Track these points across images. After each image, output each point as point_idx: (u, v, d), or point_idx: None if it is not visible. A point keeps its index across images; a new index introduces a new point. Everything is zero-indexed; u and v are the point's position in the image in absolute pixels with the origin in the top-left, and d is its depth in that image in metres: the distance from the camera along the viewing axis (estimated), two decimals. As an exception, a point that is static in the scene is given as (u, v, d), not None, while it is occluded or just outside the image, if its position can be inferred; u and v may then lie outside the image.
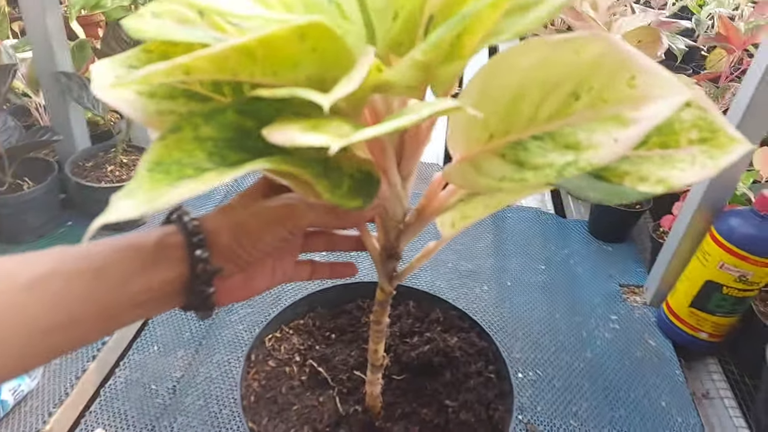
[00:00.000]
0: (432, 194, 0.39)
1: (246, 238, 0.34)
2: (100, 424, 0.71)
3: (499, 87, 0.28)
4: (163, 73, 0.22)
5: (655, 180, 0.26)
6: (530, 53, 0.26)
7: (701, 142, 0.27)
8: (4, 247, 0.98)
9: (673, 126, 0.27)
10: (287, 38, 0.23)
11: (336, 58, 0.26)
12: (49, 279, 0.29)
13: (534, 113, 0.27)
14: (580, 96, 0.26)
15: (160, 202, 0.21)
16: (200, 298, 0.34)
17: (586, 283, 1.02)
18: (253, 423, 0.52)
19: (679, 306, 0.87)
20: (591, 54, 0.25)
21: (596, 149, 0.24)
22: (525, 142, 0.27)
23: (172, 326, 0.85)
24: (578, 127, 0.26)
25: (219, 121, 0.25)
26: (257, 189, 0.37)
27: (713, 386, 0.84)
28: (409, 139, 0.35)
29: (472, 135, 0.30)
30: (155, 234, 0.33)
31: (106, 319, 0.31)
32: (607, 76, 0.25)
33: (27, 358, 0.29)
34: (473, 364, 0.59)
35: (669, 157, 0.27)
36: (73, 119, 1.04)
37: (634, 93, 0.24)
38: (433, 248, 0.45)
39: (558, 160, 0.25)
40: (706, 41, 1.65)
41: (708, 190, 0.82)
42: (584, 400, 0.79)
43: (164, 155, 0.23)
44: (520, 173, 0.26)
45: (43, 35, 0.95)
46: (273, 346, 0.61)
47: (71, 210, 1.09)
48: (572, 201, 1.29)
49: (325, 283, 0.67)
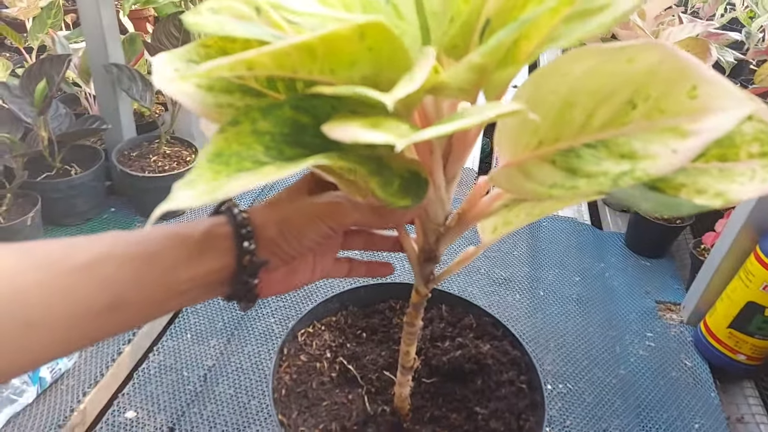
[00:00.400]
0: (474, 199, 0.39)
1: (291, 233, 0.34)
2: (132, 406, 0.73)
3: (549, 93, 0.28)
4: (228, 67, 0.22)
5: (713, 193, 0.25)
6: (582, 61, 0.26)
7: (762, 156, 0.26)
8: (53, 229, 1.02)
9: (734, 139, 0.27)
10: (348, 37, 0.23)
11: (392, 58, 0.26)
12: (102, 262, 0.30)
13: (586, 121, 0.27)
14: (636, 105, 0.25)
15: (220, 193, 0.21)
16: (245, 289, 0.34)
17: (621, 297, 1.00)
18: (283, 416, 0.53)
19: (718, 326, 0.84)
20: (647, 62, 0.24)
21: (653, 159, 0.24)
22: (577, 150, 0.27)
23: (205, 315, 0.87)
24: (633, 137, 0.25)
25: (276, 116, 0.26)
26: (303, 185, 0.38)
27: (749, 410, 0.81)
28: (456, 142, 0.35)
29: (521, 140, 0.30)
30: (204, 224, 0.34)
31: (153, 303, 0.32)
32: (665, 85, 0.24)
33: (73, 338, 0.30)
34: (505, 372, 0.58)
35: (728, 170, 0.26)
36: (122, 109, 1.07)
37: (694, 104, 0.23)
38: (472, 253, 0.44)
39: (613, 168, 0.25)
40: (757, 54, 1.60)
41: (755, 209, 0.79)
42: (615, 417, 0.77)
43: (224, 147, 0.23)
44: (572, 181, 0.26)
45: (96, 28, 0.98)
46: (305, 341, 0.62)
47: (115, 197, 1.12)
48: (609, 213, 1.26)
49: (358, 282, 0.67)
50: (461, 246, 0.45)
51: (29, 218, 0.89)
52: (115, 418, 0.71)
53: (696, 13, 1.93)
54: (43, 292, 0.28)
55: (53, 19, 1.24)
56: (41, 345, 0.28)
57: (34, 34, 1.23)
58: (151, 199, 1.05)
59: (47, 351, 0.29)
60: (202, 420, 0.71)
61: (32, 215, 0.90)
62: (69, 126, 1.01)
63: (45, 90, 0.90)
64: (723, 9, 1.87)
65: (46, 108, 0.92)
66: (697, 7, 1.98)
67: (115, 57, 1.02)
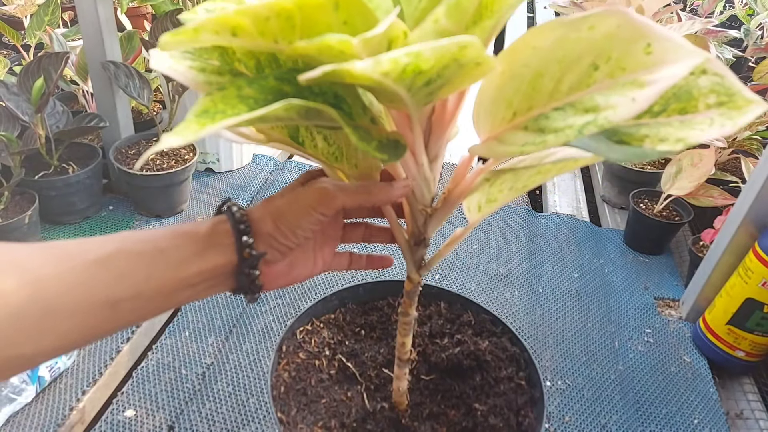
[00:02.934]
0: (458, 177, 0.40)
1: (284, 224, 0.36)
2: (131, 404, 0.73)
3: (521, 67, 0.29)
4: (212, 27, 0.23)
5: (674, 140, 0.27)
6: (549, 33, 0.28)
7: (719, 105, 0.28)
8: (50, 227, 1.02)
9: (692, 93, 0.28)
10: (322, 6, 0.24)
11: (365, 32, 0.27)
12: (115, 257, 0.32)
13: (555, 87, 0.28)
14: (599, 66, 0.27)
15: (204, 132, 0.24)
16: (248, 280, 0.37)
17: (620, 293, 1.00)
18: (282, 413, 0.53)
19: (717, 323, 0.84)
20: (607, 27, 0.26)
21: (614, 108, 0.26)
22: (547, 113, 0.29)
23: (203, 313, 0.87)
24: (597, 93, 0.27)
25: (261, 85, 0.27)
26: (297, 181, 0.41)
27: (748, 406, 0.82)
28: (436, 120, 0.36)
29: (497, 115, 0.31)
30: (208, 223, 0.37)
31: (164, 296, 0.34)
32: (624, 45, 0.26)
33: (89, 328, 0.32)
34: (504, 369, 0.58)
35: (688, 121, 0.28)
36: (119, 107, 1.07)
37: (650, 59, 0.25)
38: (460, 234, 0.45)
39: (578, 121, 0.27)
40: (755, 51, 1.60)
41: (753, 206, 0.79)
42: (614, 413, 0.77)
43: (210, 106, 0.25)
44: (541, 137, 0.28)
45: (94, 25, 0.97)
46: (304, 338, 0.62)
47: (112, 195, 1.12)
48: (608, 210, 1.26)
49: (356, 280, 0.67)
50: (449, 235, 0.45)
51: (27, 216, 0.89)
52: (114, 417, 0.71)
53: (695, 11, 1.93)
54: (60, 283, 0.30)
55: (51, 16, 1.23)
56: (61, 331, 0.30)
57: (31, 32, 1.23)
58: (148, 197, 1.05)
59: (67, 337, 0.31)
60: (201, 418, 0.71)
61: (30, 213, 0.90)
62: (66, 124, 1.00)
63: (42, 88, 0.90)
64: (722, 6, 1.87)
65: (44, 106, 0.92)
66: (696, 5, 1.98)
67: (113, 54, 1.02)
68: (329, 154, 0.40)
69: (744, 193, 0.83)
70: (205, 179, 1.21)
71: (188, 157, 1.09)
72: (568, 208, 1.24)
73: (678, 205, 1.10)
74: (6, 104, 0.92)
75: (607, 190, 1.30)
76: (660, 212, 1.09)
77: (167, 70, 0.31)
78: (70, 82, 1.25)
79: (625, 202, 1.23)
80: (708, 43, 1.20)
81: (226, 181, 1.21)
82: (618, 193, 1.27)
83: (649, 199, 1.13)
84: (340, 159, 0.40)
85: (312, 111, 0.27)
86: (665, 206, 1.10)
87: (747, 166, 1.02)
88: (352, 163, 0.40)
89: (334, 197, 0.36)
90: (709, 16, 1.82)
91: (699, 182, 1.01)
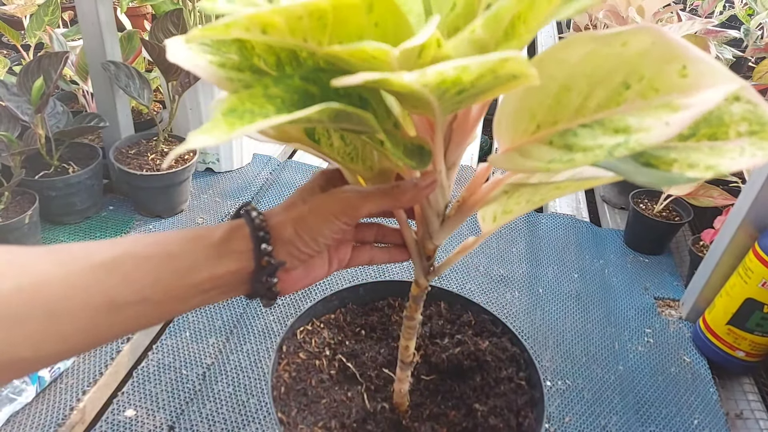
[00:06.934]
0: (474, 187, 0.39)
1: (306, 233, 0.35)
2: (131, 405, 0.73)
3: (547, 79, 0.29)
4: (243, 25, 0.23)
5: (704, 167, 0.27)
6: (578, 47, 0.27)
7: (750, 134, 0.27)
8: (51, 227, 1.02)
9: (723, 119, 0.28)
10: (356, 7, 0.24)
11: (396, 35, 0.26)
12: (121, 260, 0.31)
13: (582, 103, 0.28)
14: (630, 85, 0.26)
15: (235, 134, 0.23)
16: (264, 287, 0.36)
17: (620, 294, 1.00)
18: (282, 414, 0.53)
19: (717, 323, 0.84)
20: (640, 44, 0.25)
21: (647, 131, 0.25)
22: (574, 130, 0.28)
23: (204, 313, 0.87)
24: (628, 114, 0.26)
25: (287, 84, 0.26)
26: (315, 184, 0.39)
27: (748, 407, 0.82)
28: (457, 128, 0.35)
29: (520, 126, 0.31)
30: (223, 227, 0.35)
31: (173, 300, 0.33)
32: (657, 65, 0.25)
33: (92, 332, 0.31)
34: (504, 369, 0.58)
35: (718, 148, 0.27)
36: (119, 107, 1.07)
37: (685, 82, 0.25)
38: (471, 243, 0.45)
39: (608, 141, 0.26)
40: (755, 52, 1.60)
41: (753, 206, 0.79)
42: (614, 414, 0.77)
43: (238, 104, 0.24)
44: (569, 155, 0.27)
45: (94, 25, 0.97)
46: (304, 338, 0.62)
47: (113, 195, 1.12)
48: (608, 210, 1.26)
49: (356, 280, 0.67)
50: (457, 243, 0.45)
51: (27, 216, 0.89)
52: (114, 417, 0.71)
53: (694, 11, 1.92)
54: (64, 285, 0.29)
55: (51, 16, 1.23)
56: (62, 335, 0.30)
57: (31, 32, 1.23)
58: (149, 197, 1.05)
59: (69, 341, 0.30)
60: (202, 418, 0.71)
61: (30, 213, 0.89)
62: (66, 124, 1.00)
63: (42, 88, 0.90)
64: (722, 6, 1.87)
65: (44, 106, 0.92)
66: (696, 5, 1.98)
67: (113, 54, 1.02)
68: (345, 154, 0.39)
69: (744, 193, 0.83)
70: (205, 179, 1.21)
71: (188, 156, 1.09)
72: (568, 209, 1.24)
73: (678, 205, 1.10)
74: (6, 104, 0.92)
75: (607, 190, 1.30)
76: (660, 212, 1.09)
77: (190, 66, 0.30)
78: (70, 82, 1.25)
79: (625, 202, 1.23)
80: (708, 43, 1.20)
81: (226, 181, 1.21)
82: (618, 193, 1.27)
83: (649, 199, 1.13)
84: (355, 159, 0.39)
85: (342, 114, 0.27)
86: (665, 206, 1.10)
87: (747, 166, 1.02)
88: (368, 165, 0.40)
89: (358, 207, 0.35)
90: (709, 16, 1.82)
91: (699, 182, 1.01)
